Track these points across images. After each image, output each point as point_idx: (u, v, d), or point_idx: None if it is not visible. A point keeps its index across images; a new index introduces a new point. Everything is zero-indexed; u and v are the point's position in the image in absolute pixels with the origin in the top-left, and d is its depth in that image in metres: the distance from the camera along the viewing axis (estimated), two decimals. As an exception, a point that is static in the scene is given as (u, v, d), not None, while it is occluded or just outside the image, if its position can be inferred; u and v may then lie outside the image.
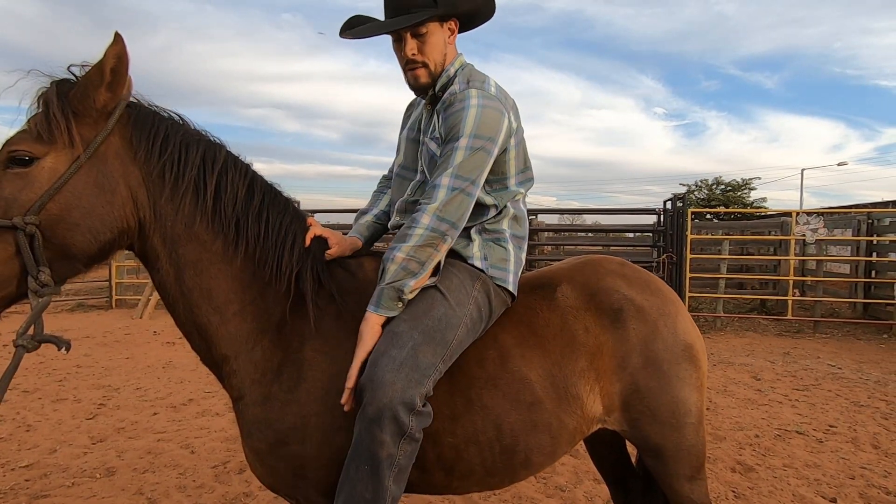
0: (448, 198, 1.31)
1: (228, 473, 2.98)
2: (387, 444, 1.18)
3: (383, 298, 1.29)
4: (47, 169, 1.14)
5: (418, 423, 1.22)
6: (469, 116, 1.33)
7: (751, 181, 22.30)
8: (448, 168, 1.32)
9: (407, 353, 1.23)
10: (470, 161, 1.33)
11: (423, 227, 1.30)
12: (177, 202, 1.25)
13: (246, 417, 1.29)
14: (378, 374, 1.20)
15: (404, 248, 1.29)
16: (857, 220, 8.47)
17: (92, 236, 1.17)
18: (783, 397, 4.54)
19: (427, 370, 1.24)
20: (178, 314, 1.32)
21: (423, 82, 1.43)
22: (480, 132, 1.34)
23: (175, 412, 4.02)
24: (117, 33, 1.14)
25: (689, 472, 1.56)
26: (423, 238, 1.29)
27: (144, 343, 6.54)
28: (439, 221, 1.31)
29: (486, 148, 1.35)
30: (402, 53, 1.41)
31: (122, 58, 1.16)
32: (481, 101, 1.35)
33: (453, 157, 1.33)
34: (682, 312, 1.60)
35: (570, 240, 11.87)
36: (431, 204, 1.31)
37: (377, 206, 1.67)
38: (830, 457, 3.29)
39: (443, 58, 1.44)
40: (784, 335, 7.48)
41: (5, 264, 1.11)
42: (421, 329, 1.28)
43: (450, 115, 1.36)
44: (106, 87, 1.17)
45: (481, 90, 1.38)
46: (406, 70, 1.43)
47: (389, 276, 1.28)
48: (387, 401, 1.17)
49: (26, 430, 3.58)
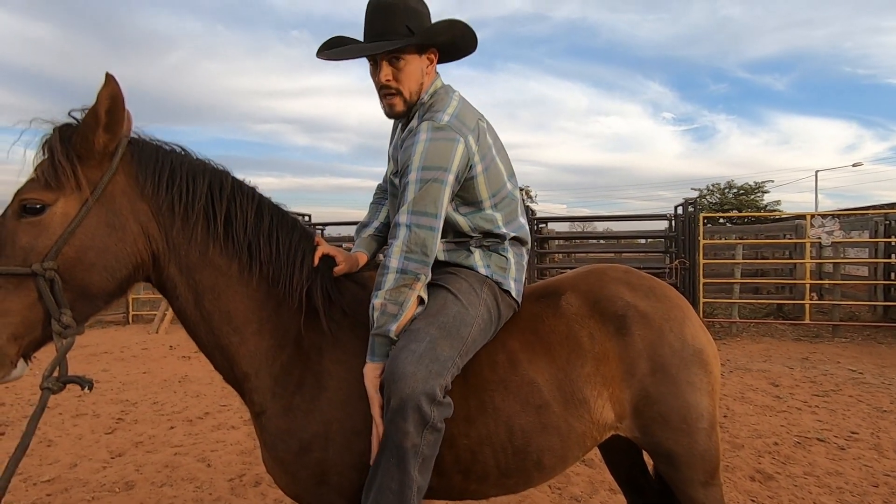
0: (409, 236, 1.34)
1: (244, 486, 3.00)
2: (411, 435, 1.23)
3: (376, 347, 1.33)
4: (59, 214, 1.17)
5: (440, 413, 1.26)
6: (417, 152, 1.35)
7: (764, 184, 22.10)
8: (404, 205, 1.35)
9: (426, 346, 1.28)
10: (423, 195, 1.34)
11: (392, 270, 1.34)
12: (189, 232, 1.29)
13: (269, 430, 1.33)
14: (399, 367, 1.25)
15: (380, 294, 1.33)
16: (874, 222, 8.34)
17: (108, 274, 1.21)
18: (802, 403, 4.46)
19: (446, 362, 1.29)
20: (200, 337, 1.36)
21: (397, 111, 1.46)
22: (428, 164, 1.35)
23: (191, 426, 4.07)
24: (108, 74, 1.15)
25: (703, 477, 1.55)
26: (395, 281, 1.33)
27: (161, 357, 6.63)
28: (406, 261, 1.34)
29: (437, 178, 1.35)
30: (377, 79, 1.43)
31: (117, 98, 1.17)
32: (430, 135, 1.36)
33: (406, 192, 1.36)
34: (689, 317, 1.60)
35: (581, 247, 11.82)
36: (396, 244, 1.35)
37: (377, 219, 1.70)
38: (853, 464, 3.22)
39: (419, 87, 1.45)
40: (802, 340, 7.35)
41: (29, 310, 1.14)
42: (437, 325, 1.33)
43: (405, 150, 1.40)
44: (103, 128, 1.19)
45: (432, 121, 1.38)
46: (382, 96, 1.45)
47: (375, 324, 1.33)
48: (409, 391, 1.22)
49: (47, 446, 3.64)
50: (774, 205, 21.78)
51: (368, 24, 1.42)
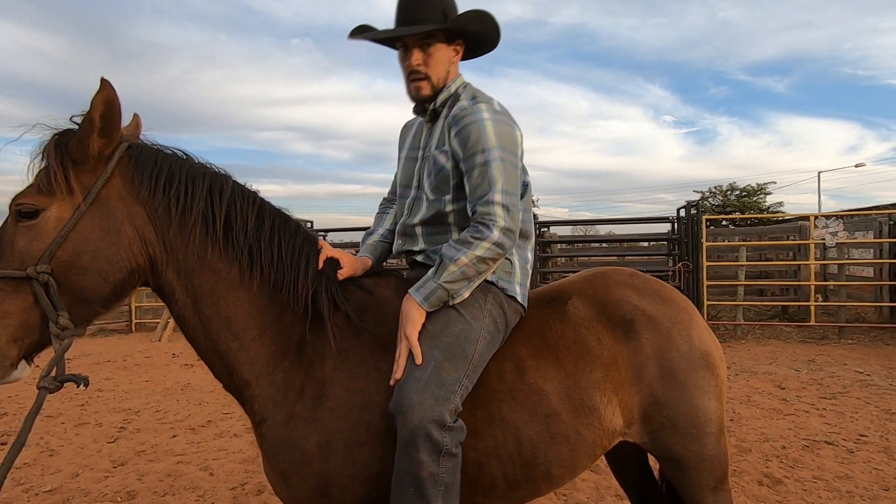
0: (509, 214, 1.35)
1: (247, 495, 2.98)
2: (426, 464, 1.20)
3: (435, 296, 1.32)
4: (53, 219, 1.18)
5: (452, 438, 1.23)
6: (487, 130, 1.37)
7: (766, 186, 22.06)
8: (497, 184, 1.35)
9: (431, 373, 1.25)
10: (509, 175, 1.37)
11: (491, 241, 1.33)
12: (186, 235, 1.28)
13: (270, 439, 1.30)
14: (405, 398, 1.22)
15: (469, 255, 1.32)
16: (878, 222, 8.28)
17: (102, 278, 1.20)
18: (810, 406, 4.41)
19: (452, 385, 1.26)
20: (199, 343, 1.34)
21: (424, 94, 1.47)
22: (503, 144, 1.37)
23: (194, 434, 4.05)
24: (103, 79, 1.15)
25: (711, 482, 1.53)
26: (488, 251, 1.33)
27: (163, 366, 6.62)
28: (505, 238, 1.34)
29: (514, 162, 1.39)
30: (407, 63, 1.45)
31: (112, 103, 1.17)
32: (493, 116, 1.39)
33: (491, 170, 1.35)
34: (696, 320, 1.58)
35: (583, 251, 11.79)
36: (498, 221, 1.34)
37: (382, 226, 1.70)
38: (862, 467, 3.18)
39: (445, 74, 1.48)
40: (808, 342, 7.30)
41: (27, 312, 1.15)
42: (441, 347, 1.30)
43: (462, 129, 1.39)
44: (98, 133, 1.19)
45: (489, 104, 1.42)
46: (409, 80, 1.48)
47: (447, 275, 1.32)
48: (417, 421, 1.20)
49: (49, 455, 3.63)
50: (777, 206, 21.72)
51: (402, 9, 1.44)
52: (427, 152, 1.51)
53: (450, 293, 1.33)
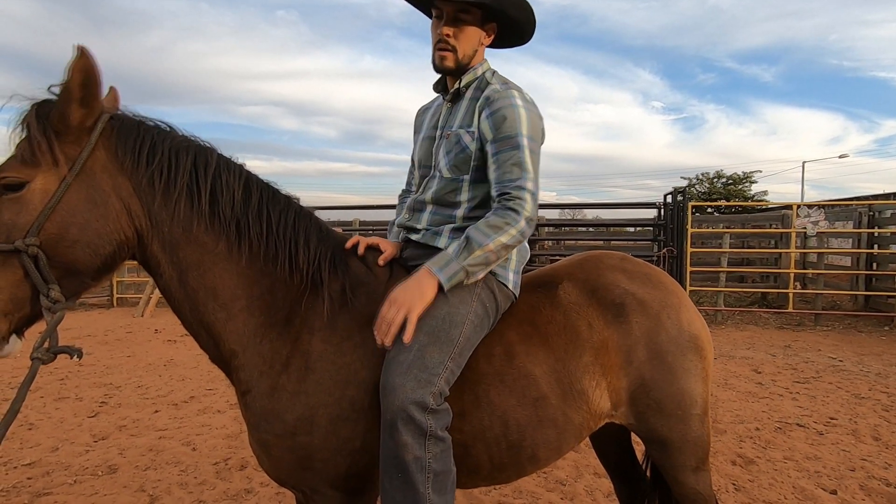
0: (534, 205, 1.38)
1: (230, 470, 2.99)
2: (410, 446, 1.20)
3: (456, 276, 1.33)
4: (38, 191, 1.15)
5: (437, 421, 1.23)
6: (520, 116, 1.39)
7: (752, 174, 22.31)
8: (529, 172, 1.38)
9: (413, 356, 1.26)
10: (535, 165, 1.40)
11: (518, 230, 1.35)
12: (171, 208, 1.25)
13: (254, 410, 1.30)
14: (388, 381, 1.23)
15: (496, 241, 1.33)
16: (857, 213, 8.45)
17: (91, 251, 1.18)
18: (784, 390, 4.54)
19: (435, 368, 1.26)
20: (185, 315, 1.33)
21: (447, 65, 1.48)
22: (531, 133, 1.40)
23: (176, 410, 4.03)
24: (80, 46, 1.11)
25: (694, 463, 1.56)
26: (513, 239, 1.35)
27: (146, 341, 6.55)
28: (528, 227, 1.38)
29: (539, 154, 1.42)
30: (438, 31, 1.46)
31: (90, 71, 1.13)
32: (524, 104, 1.41)
33: (523, 157, 1.37)
34: (685, 304, 1.60)
35: (570, 235, 11.85)
36: (526, 211, 1.36)
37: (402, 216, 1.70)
38: (831, 449, 3.29)
39: (472, 53, 1.49)
40: (785, 328, 7.48)
41: (17, 287, 1.13)
42: (425, 331, 1.30)
43: (497, 111, 1.40)
44: (77, 103, 1.15)
45: (520, 92, 1.44)
46: (436, 49, 1.48)
47: (472, 259, 1.33)
48: (399, 403, 1.20)
49: (28, 429, 3.59)
50: (762, 195, 22.01)
51: None
52: (447, 131, 1.51)
53: (469, 275, 1.34)
